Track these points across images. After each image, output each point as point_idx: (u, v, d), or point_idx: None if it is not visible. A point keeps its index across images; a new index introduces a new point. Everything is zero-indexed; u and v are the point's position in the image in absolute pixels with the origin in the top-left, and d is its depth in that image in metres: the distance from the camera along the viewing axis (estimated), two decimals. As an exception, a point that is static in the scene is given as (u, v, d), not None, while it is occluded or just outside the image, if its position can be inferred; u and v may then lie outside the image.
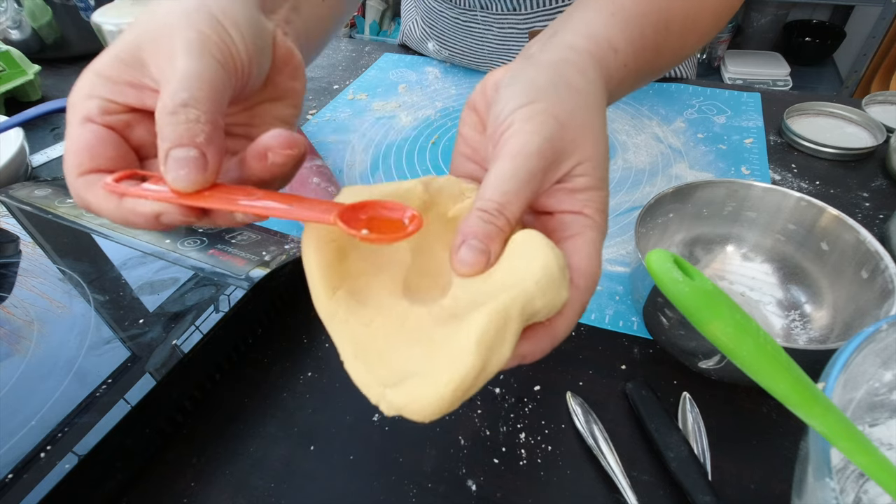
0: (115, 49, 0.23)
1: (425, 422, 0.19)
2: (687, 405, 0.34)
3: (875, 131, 0.60)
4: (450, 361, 0.19)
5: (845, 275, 0.37)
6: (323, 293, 0.22)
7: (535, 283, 0.20)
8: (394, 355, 0.21)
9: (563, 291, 0.21)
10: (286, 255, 0.40)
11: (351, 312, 0.22)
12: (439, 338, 0.20)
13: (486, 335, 0.19)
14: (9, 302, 0.37)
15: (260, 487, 0.32)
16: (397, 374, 0.20)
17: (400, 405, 0.19)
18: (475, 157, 0.28)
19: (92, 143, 0.23)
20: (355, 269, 0.24)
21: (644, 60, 0.31)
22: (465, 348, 0.19)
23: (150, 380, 0.31)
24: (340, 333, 0.22)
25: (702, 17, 0.35)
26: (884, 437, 0.27)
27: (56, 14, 0.78)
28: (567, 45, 0.28)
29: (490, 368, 0.19)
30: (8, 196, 0.46)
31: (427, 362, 0.20)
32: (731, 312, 0.19)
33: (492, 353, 0.19)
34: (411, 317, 0.22)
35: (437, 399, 0.18)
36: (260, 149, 0.23)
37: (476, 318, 0.19)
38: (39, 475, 0.27)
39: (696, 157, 0.58)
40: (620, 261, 0.46)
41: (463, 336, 0.19)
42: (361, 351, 0.21)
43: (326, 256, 0.23)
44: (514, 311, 0.20)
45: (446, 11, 0.70)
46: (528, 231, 0.23)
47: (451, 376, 0.18)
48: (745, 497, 0.31)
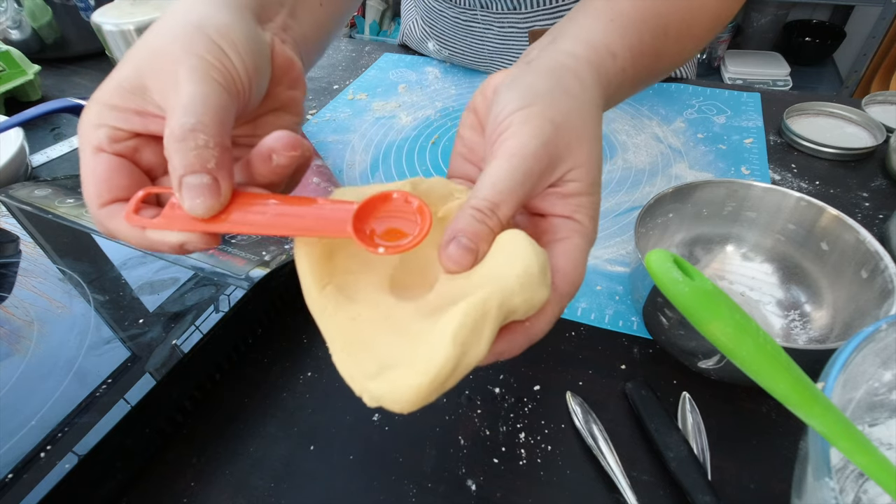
0: (117, 78, 0.24)
1: (404, 412, 0.19)
2: (687, 405, 0.34)
3: (875, 131, 0.60)
4: (427, 353, 0.19)
5: (845, 275, 0.37)
6: (313, 288, 0.23)
7: (514, 279, 0.21)
8: (378, 348, 0.21)
9: (542, 290, 0.22)
10: (286, 255, 0.40)
11: (339, 307, 0.23)
12: (420, 330, 0.21)
13: (463, 328, 0.19)
14: (9, 302, 0.37)
15: (260, 487, 0.32)
16: (379, 366, 0.20)
17: (379, 395, 0.20)
18: (472, 158, 0.29)
19: (107, 174, 0.23)
20: (343, 267, 0.24)
21: (643, 65, 0.32)
22: (442, 340, 0.19)
23: (150, 380, 0.31)
24: (329, 327, 0.22)
25: (700, 22, 0.35)
26: (883, 437, 0.27)
27: (56, 14, 0.78)
28: (566, 51, 0.28)
29: (467, 361, 0.20)
30: (8, 196, 0.46)
31: (407, 354, 0.20)
32: (730, 312, 0.19)
33: (468, 346, 0.20)
34: (397, 311, 0.23)
35: (415, 389, 0.19)
36: (264, 151, 0.23)
37: (454, 311, 0.20)
38: (39, 475, 0.27)
39: (696, 157, 0.58)
40: (620, 261, 0.46)
41: (441, 328, 0.20)
42: (348, 343, 0.22)
43: (316, 254, 0.24)
44: (492, 306, 0.20)
45: (446, 11, 0.70)
46: (513, 231, 0.23)
47: (427, 367, 0.19)
48: (745, 497, 0.31)
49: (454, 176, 0.30)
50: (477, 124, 0.28)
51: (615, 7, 0.31)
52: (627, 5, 0.31)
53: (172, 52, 0.23)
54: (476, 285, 0.21)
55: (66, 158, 0.63)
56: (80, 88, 0.77)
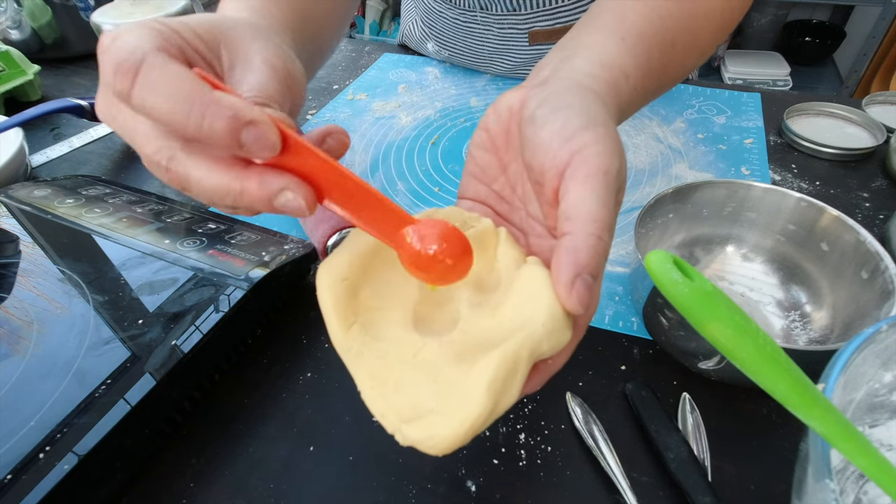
0: (186, 20, 0.23)
1: (439, 455, 0.20)
2: (687, 406, 0.34)
3: (875, 131, 0.60)
4: (464, 402, 0.20)
5: (845, 275, 0.37)
6: (339, 329, 0.23)
7: (542, 327, 0.21)
8: (408, 388, 0.22)
9: (567, 332, 0.22)
10: (286, 256, 0.40)
11: (365, 346, 0.23)
12: (452, 376, 0.22)
13: (497, 381, 0.20)
14: (8, 302, 0.37)
15: (259, 488, 0.32)
16: (413, 409, 0.21)
17: (416, 440, 0.20)
18: (484, 178, 0.28)
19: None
20: (367, 305, 0.25)
21: (651, 81, 0.32)
22: (477, 391, 0.20)
23: (149, 380, 0.31)
24: (357, 366, 0.23)
25: (705, 33, 0.35)
26: (884, 439, 0.27)
27: (56, 14, 0.78)
28: (583, 71, 0.28)
29: (500, 408, 0.21)
30: (7, 196, 0.46)
31: (442, 401, 0.21)
32: (730, 313, 0.19)
33: (502, 396, 0.21)
34: (423, 349, 0.23)
35: (452, 437, 0.20)
36: (316, 136, 0.24)
37: (487, 362, 0.21)
38: (39, 475, 0.27)
39: (696, 158, 0.58)
40: (620, 261, 0.46)
41: (475, 379, 0.21)
42: (378, 383, 0.22)
43: (339, 294, 0.24)
44: (523, 356, 0.21)
45: (445, 12, 0.70)
46: (533, 266, 0.24)
47: (465, 416, 0.20)
48: (745, 498, 0.31)
49: (465, 197, 0.30)
50: (489, 144, 0.28)
51: (624, 23, 0.30)
52: (637, 20, 0.31)
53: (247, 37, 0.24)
54: (502, 328, 0.22)
55: (66, 158, 0.63)
56: (80, 88, 0.77)
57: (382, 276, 0.25)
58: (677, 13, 0.32)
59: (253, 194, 0.20)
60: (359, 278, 0.25)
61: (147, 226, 0.43)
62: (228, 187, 0.20)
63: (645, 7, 0.31)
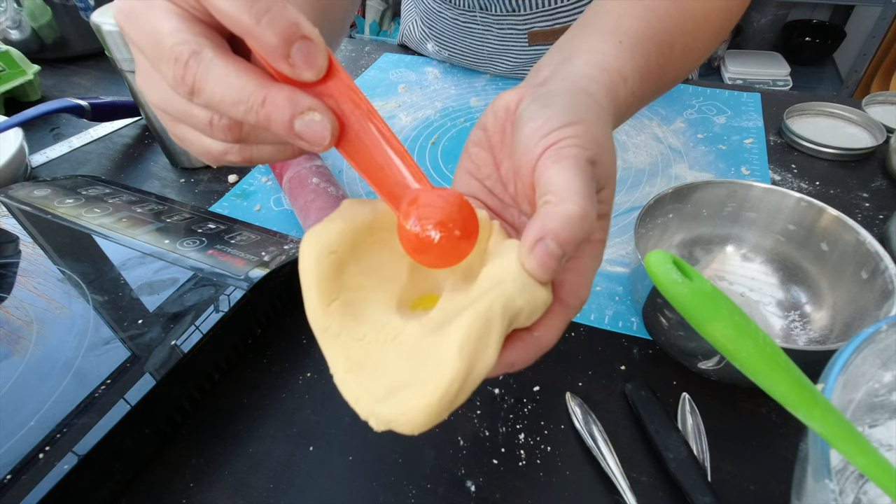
0: None
1: (415, 433, 0.18)
2: (686, 406, 0.34)
3: (875, 131, 0.60)
4: (434, 369, 0.19)
5: (845, 275, 0.37)
6: (318, 305, 0.22)
7: (511, 283, 0.20)
8: (385, 371, 0.20)
9: (542, 290, 0.21)
10: (285, 256, 0.40)
11: (344, 327, 0.22)
12: (426, 347, 0.20)
13: (469, 339, 0.19)
14: (8, 302, 0.37)
15: (259, 488, 0.32)
16: (387, 389, 0.20)
17: (389, 419, 0.19)
18: (478, 175, 0.29)
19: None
20: (352, 283, 0.23)
21: (649, 84, 0.32)
22: (449, 354, 0.18)
23: (149, 380, 0.31)
24: (332, 347, 0.21)
25: (704, 35, 0.35)
26: (883, 439, 0.27)
27: (56, 14, 0.78)
28: (581, 74, 0.28)
29: (476, 373, 0.19)
30: (7, 196, 0.46)
31: (414, 374, 0.19)
32: (730, 314, 0.19)
33: (476, 357, 0.19)
34: (403, 333, 0.22)
35: (425, 408, 0.18)
36: None
37: (457, 322, 0.19)
38: (38, 476, 0.27)
39: (695, 158, 0.58)
40: (620, 261, 0.46)
41: (446, 343, 0.19)
42: (353, 366, 0.21)
43: (325, 268, 0.22)
44: (495, 312, 0.19)
45: (445, 12, 0.70)
46: (508, 241, 0.23)
47: (436, 384, 0.18)
48: (745, 498, 0.31)
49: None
50: (485, 142, 0.28)
51: (623, 26, 0.30)
52: (635, 23, 0.31)
53: None
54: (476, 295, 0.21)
55: (66, 158, 0.63)
56: (80, 88, 0.77)
57: (373, 256, 0.24)
58: (675, 14, 0.32)
59: (277, 106, 0.19)
60: (348, 253, 0.23)
61: (147, 226, 0.43)
62: (251, 93, 0.19)
63: (643, 9, 0.31)
